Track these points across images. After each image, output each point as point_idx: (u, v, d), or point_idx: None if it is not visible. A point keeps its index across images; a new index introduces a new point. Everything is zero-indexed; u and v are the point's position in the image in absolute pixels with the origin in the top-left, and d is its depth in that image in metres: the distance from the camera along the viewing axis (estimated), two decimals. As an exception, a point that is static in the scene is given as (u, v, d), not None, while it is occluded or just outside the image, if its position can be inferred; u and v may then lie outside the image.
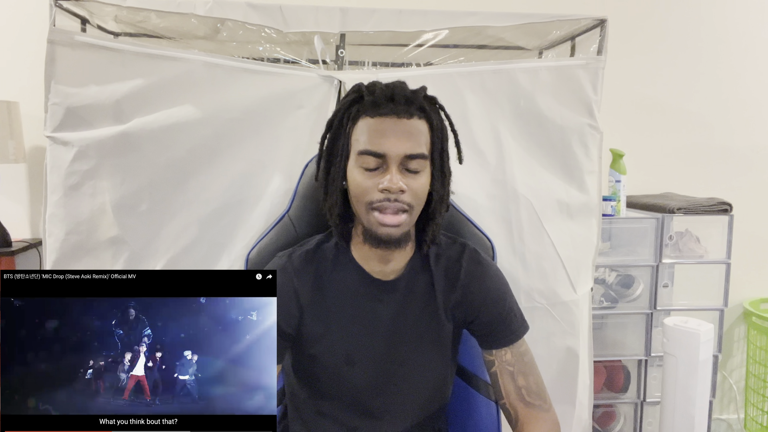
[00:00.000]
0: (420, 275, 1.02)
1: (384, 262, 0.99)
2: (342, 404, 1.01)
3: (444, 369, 1.05)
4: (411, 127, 0.90)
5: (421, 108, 0.92)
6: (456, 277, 1.02)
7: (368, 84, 0.94)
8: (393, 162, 0.89)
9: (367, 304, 1.00)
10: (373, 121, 0.90)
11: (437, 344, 1.02)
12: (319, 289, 0.99)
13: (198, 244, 1.27)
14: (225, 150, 1.26)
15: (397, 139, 0.89)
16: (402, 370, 1.01)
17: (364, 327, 0.99)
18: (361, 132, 0.91)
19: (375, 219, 0.90)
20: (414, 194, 0.91)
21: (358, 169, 0.91)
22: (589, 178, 1.42)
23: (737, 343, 2.42)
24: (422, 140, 0.91)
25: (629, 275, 1.95)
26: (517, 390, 0.99)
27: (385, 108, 0.89)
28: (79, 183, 1.20)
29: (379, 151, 0.89)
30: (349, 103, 0.94)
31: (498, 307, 1.01)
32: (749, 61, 2.30)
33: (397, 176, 0.88)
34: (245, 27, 1.32)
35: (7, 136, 1.85)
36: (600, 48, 1.40)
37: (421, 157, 0.91)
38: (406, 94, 0.91)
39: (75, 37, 1.18)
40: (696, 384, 1.23)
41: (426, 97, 0.95)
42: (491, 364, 1.01)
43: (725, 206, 1.96)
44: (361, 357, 0.99)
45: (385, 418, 1.01)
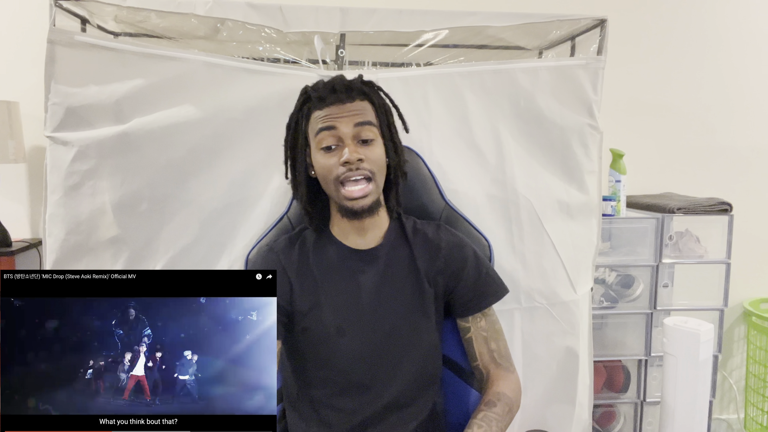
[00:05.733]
0: (399, 245, 1.11)
1: (361, 233, 1.09)
2: (336, 379, 1.05)
3: (431, 335, 1.09)
4: (355, 107, 1.02)
5: (361, 92, 1.04)
6: (437, 247, 1.10)
7: (313, 84, 1.06)
8: (347, 136, 1.01)
9: (351, 275, 1.08)
10: (321, 111, 1.02)
11: (422, 311, 1.08)
12: (304, 265, 1.08)
13: (198, 244, 1.27)
14: (225, 150, 1.26)
15: (345, 117, 1.01)
16: (391, 338, 1.05)
17: (350, 298, 1.06)
18: (314, 122, 1.03)
19: (343, 194, 1.01)
20: (372, 162, 1.02)
21: (319, 153, 1.03)
22: (589, 178, 1.42)
23: (737, 343, 2.42)
24: (368, 114, 1.04)
25: (629, 275, 1.95)
26: (489, 353, 1.09)
27: (330, 98, 1.02)
28: (79, 183, 1.20)
29: (331, 125, 1.01)
30: (300, 105, 1.07)
31: (477, 273, 1.10)
32: (749, 61, 2.30)
33: (353, 147, 1.00)
34: (245, 27, 1.32)
35: (7, 136, 1.85)
36: (600, 48, 1.40)
37: (369, 124, 1.02)
38: (345, 83, 1.03)
39: (75, 37, 1.18)
40: (696, 384, 1.23)
41: (364, 82, 1.06)
42: (466, 331, 1.11)
43: (725, 206, 1.96)
44: (350, 327, 1.05)
45: (378, 389, 1.04)
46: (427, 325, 1.09)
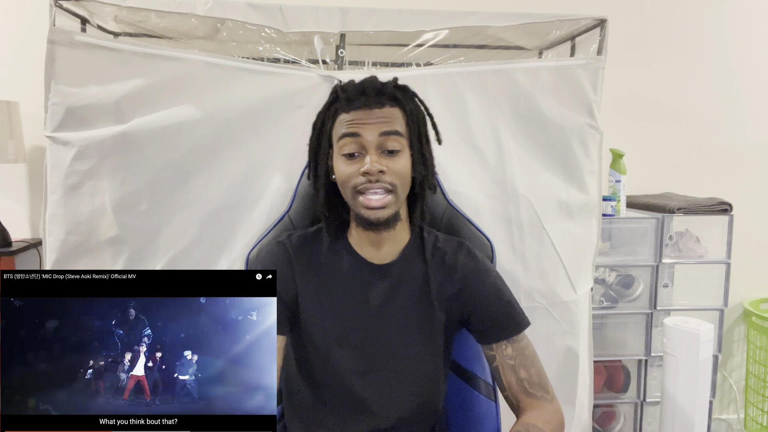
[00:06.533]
0: (415, 264, 1.05)
1: (377, 246, 1.03)
2: (335, 390, 1.02)
3: (434, 362, 1.05)
4: (383, 114, 0.96)
5: (392, 97, 0.98)
6: (453, 271, 1.04)
7: (343, 84, 1.01)
8: (370, 145, 0.95)
9: (360, 287, 1.03)
10: (348, 115, 0.97)
11: (428, 336, 1.03)
12: (313, 268, 1.04)
13: (198, 244, 1.27)
14: (225, 150, 1.26)
15: (371, 124, 0.95)
16: (391, 359, 1.02)
17: (355, 310, 1.02)
18: (339, 125, 0.98)
19: (360, 203, 0.96)
20: (395, 174, 0.95)
21: (340, 158, 0.98)
22: (589, 178, 1.42)
23: (737, 343, 2.42)
24: (396, 123, 0.97)
25: (629, 275, 1.95)
26: (518, 382, 1.00)
27: (358, 102, 0.96)
28: (79, 183, 1.20)
29: (355, 132, 0.95)
30: (327, 105, 1.02)
31: (496, 300, 1.03)
32: (749, 61, 2.31)
33: (375, 158, 0.94)
34: (245, 27, 1.32)
35: (7, 136, 1.85)
36: (600, 48, 1.40)
37: (395, 134, 0.96)
38: (376, 86, 0.97)
39: (75, 37, 1.18)
40: (696, 384, 1.23)
41: (397, 86, 1.00)
42: (492, 359, 1.02)
43: (725, 206, 1.96)
44: (351, 340, 1.01)
45: (376, 409, 1.01)
46: (432, 353, 1.04)
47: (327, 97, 1.03)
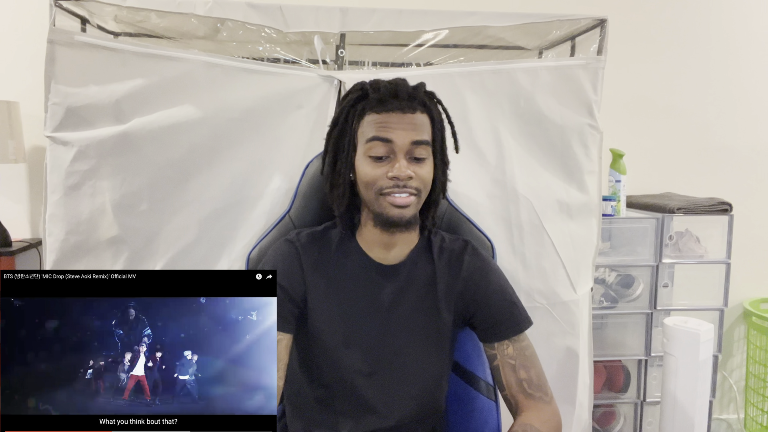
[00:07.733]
0: (423, 265, 1.05)
1: (388, 248, 1.03)
2: (339, 390, 1.02)
3: (439, 363, 1.05)
4: (415, 120, 0.96)
5: (422, 103, 0.98)
6: (458, 270, 1.05)
7: (371, 82, 0.99)
8: (400, 151, 0.94)
9: (368, 287, 1.03)
10: (379, 116, 0.95)
11: (434, 337, 1.04)
12: (321, 267, 1.03)
13: (198, 244, 1.27)
14: (225, 150, 1.26)
15: (403, 130, 0.95)
16: (397, 359, 1.02)
17: (362, 310, 1.02)
18: (368, 126, 0.96)
19: (387, 202, 0.95)
20: (421, 180, 0.96)
21: (366, 159, 0.96)
22: (589, 178, 1.42)
23: (737, 343, 2.42)
24: (425, 131, 0.97)
25: (629, 275, 1.95)
26: (518, 382, 1.00)
27: (390, 104, 0.95)
28: (79, 183, 1.20)
29: (388, 137, 0.94)
30: (354, 101, 0.99)
31: (500, 299, 1.04)
32: (749, 61, 2.30)
33: (405, 163, 0.94)
34: (245, 27, 1.32)
35: (7, 136, 1.85)
36: (600, 48, 1.40)
37: (425, 144, 0.97)
38: (408, 90, 0.97)
39: (75, 37, 1.18)
40: (696, 384, 1.23)
41: (426, 92, 1.00)
42: (493, 358, 1.03)
43: (725, 206, 1.96)
44: (358, 340, 1.01)
45: (379, 409, 1.01)
46: (437, 354, 1.04)
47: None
